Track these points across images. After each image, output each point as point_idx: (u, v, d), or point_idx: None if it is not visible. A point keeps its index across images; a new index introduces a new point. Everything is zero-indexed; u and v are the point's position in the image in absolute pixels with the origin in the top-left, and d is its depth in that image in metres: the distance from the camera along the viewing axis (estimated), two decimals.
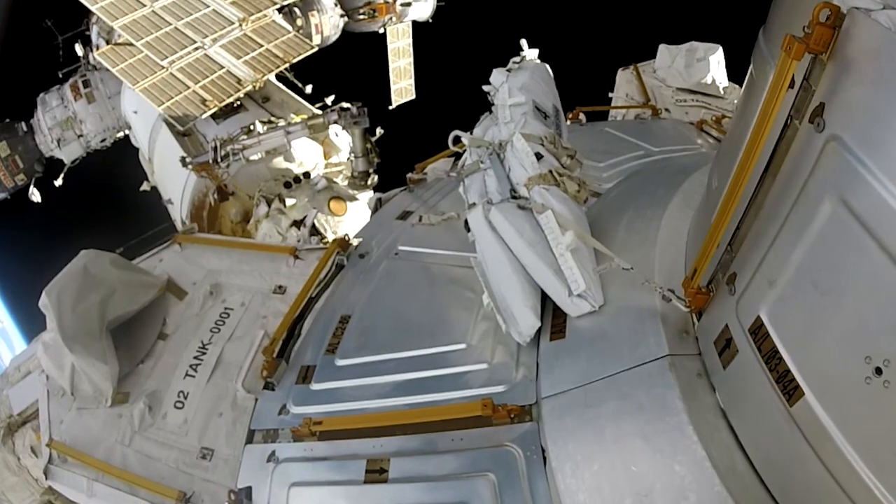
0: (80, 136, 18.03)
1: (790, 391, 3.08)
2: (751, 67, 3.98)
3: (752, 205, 3.49)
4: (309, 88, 17.27)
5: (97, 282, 6.96)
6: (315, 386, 5.61)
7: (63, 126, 17.86)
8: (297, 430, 5.22)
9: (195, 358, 6.71)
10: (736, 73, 14.44)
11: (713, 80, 14.46)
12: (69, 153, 18.25)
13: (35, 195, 18.39)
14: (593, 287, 4.74)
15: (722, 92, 14.45)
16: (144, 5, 15.72)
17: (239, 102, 15.62)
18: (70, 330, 6.54)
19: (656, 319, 4.30)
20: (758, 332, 3.31)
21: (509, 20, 28.05)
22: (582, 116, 11.05)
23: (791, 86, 3.01)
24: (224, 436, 6.08)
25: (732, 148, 3.87)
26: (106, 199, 26.30)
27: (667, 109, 13.87)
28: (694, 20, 21.85)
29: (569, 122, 10.41)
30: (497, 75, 6.58)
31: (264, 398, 5.82)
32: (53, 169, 18.60)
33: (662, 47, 15.24)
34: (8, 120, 18.41)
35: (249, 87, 15.12)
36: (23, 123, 18.19)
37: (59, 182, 18.70)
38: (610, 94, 15.40)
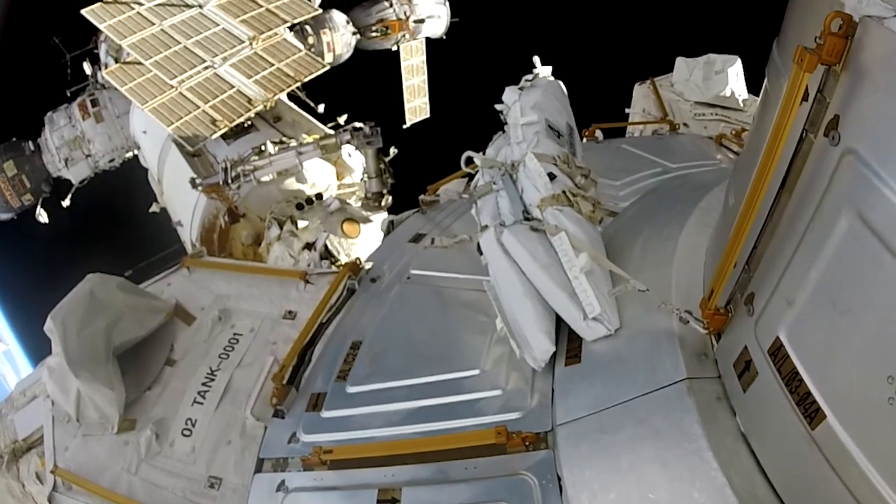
0: (89, 155, 18.10)
1: (811, 413, 3.06)
2: (765, 81, 3.98)
3: (769, 222, 3.48)
4: (321, 108, 17.27)
5: (103, 306, 7.00)
6: (325, 413, 5.59)
7: (71, 145, 17.94)
8: (307, 458, 5.21)
9: (203, 385, 6.72)
10: (756, 84, 14.42)
11: (732, 93, 14.48)
12: (77, 173, 18.31)
13: (42, 216, 18.45)
14: (609, 310, 4.74)
15: (741, 104, 14.47)
16: (153, 24, 15.83)
17: (250, 122, 15.68)
18: (75, 355, 6.58)
19: (674, 342, 4.29)
20: (777, 353, 3.30)
21: (525, 35, 28.11)
22: (598, 133, 11.03)
23: (805, 98, 3.01)
24: (232, 464, 6.09)
25: (748, 164, 3.86)
26: (114, 221, 26.40)
27: (685, 124, 13.90)
28: (711, 31, 21.84)
29: (585, 140, 10.44)
30: (509, 94, 6.59)
31: (274, 426, 5.81)
32: (61, 189, 18.66)
33: (679, 60, 15.28)
34: (15, 139, 18.49)
35: (260, 107, 15.18)
36: (30, 142, 18.26)
37: (66, 203, 18.78)
38: (627, 110, 15.44)
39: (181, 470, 6.23)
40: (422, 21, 20.56)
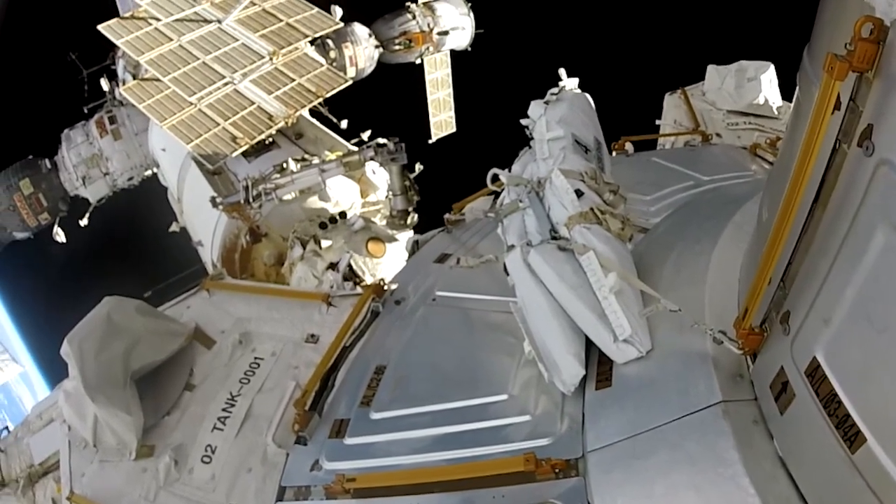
0: (106, 174, 18.28)
1: (851, 437, 3.03)
2: (797, 89, 3.95)
3: (803, 237, 3.46)
4: (344, 124, 17.34)
5: (121, 330, 7.05)
6: (349, 440, 5.61)
7: (88, 163, 18.12)
8: (329, 487, 5.21)
9: (223, 410, 6.75)
10: (790, 90, 14.33)
11: (766, 100, 14.37)
12: (95, 192, 18.50)
13: (59, 235, 18.64)
14: (640, 331, 4.72)
15: (775, 112, 14.34)
16: (171, 39, 15.97)
17: (271, 139, 15.76)
18: (92, 379, 6.63)
19: (708, 364, 4.26)
20: (814, 374, 3.26)
21: (551, 46, 28.08)
22: (628, 146, 11.02)
23: (837, 108, 2.97)
24: (253, 492, 6.09)
25: (781, 176, 3.83)
26: (133, 241, 26.64)
27: (718, 134, 13.81)
28: (742, 37, 21.74)
29: (614, 153, 10.43)
30: (534, 108, 6.60)
31: (295, 453, 5.83)
32: (78, 208, 18.85)
33: (711, 68, 15.21)
34: (31, 156, 18.73)
35: (281, 124, 15.24)
36: (47, 160, 18.49)
37: (84, 222, 18.96)
38: (657, 121, 15.36)
39: (200, 497, 6.25)
40: (446, 33, 20.56)
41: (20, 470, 7.87)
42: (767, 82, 14.45)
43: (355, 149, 14.74)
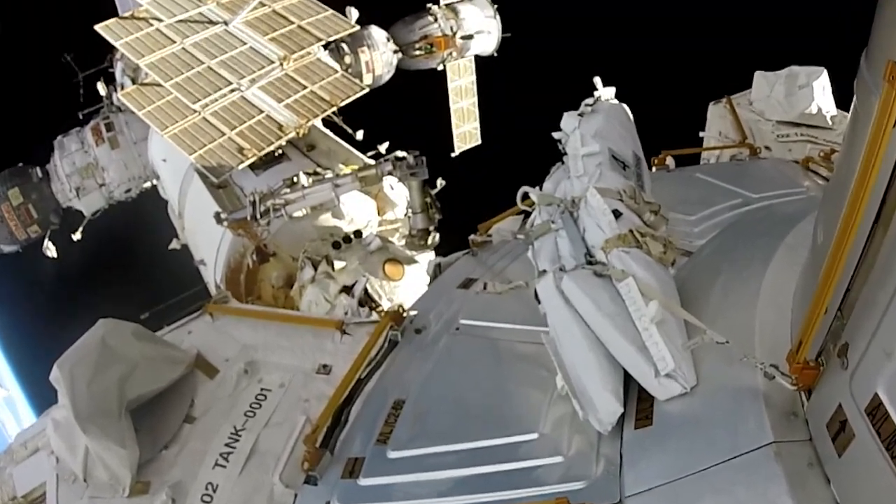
0: (102, 185, 18.40)
1: None
2: (854, 99, 3.92)
3: (863, 261, 3.43)
4: (360, 135, 17.37)
5: (117, 356, 7.05)
6: (364, 481, 5.57)
7: (83, 173, 18.23)
8: None
9: (226, 445, 6.75)
10: (846, 98, 14.28)
11: (819, 110, 14.34)
12: (89, 204, 18.61)
13: (50, 250, 18.74)
14: (683, 365, 4.70)
15: (829, 122, 14.32)
16: (174, 42, 16.11)
17: (280, 151, 15.84)
18: (84, 409, 6.62)
19: (758, 400, 4.23)
20: (876, 412, 3.24)
21: (585, 52, 28.04)
22: (670, 161, 11.03)
23: None
24: None
25: (838, 195, 3.81)
26: (130, 258, 26.73)
27: (767, 147, 13.77)
28: (793, 40, 21.66)
29: (654, 169, 10.42)
30: (568, 120, 6.60)
31: (305, 494, 5.82)
32: (71, 221, 18.96)
33: (758, 75, 15.20)
34: (21, 164, 18.84)
35: (292, 134, 15.32)
36: (37, 169, 18.61)
37: (77, 236, 19.09)
38: (701, 134, 15.35)
39: None
40: (470, 37, 20.62)
41: (2, 502, 7.88)
42: (820, 90, 14.42)
43: (372, 162, 14.82)
